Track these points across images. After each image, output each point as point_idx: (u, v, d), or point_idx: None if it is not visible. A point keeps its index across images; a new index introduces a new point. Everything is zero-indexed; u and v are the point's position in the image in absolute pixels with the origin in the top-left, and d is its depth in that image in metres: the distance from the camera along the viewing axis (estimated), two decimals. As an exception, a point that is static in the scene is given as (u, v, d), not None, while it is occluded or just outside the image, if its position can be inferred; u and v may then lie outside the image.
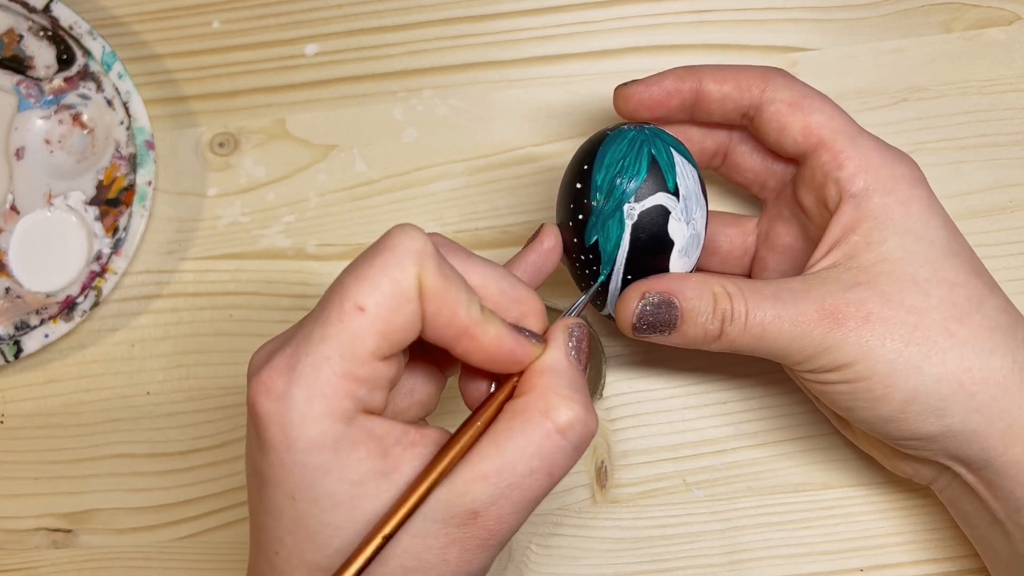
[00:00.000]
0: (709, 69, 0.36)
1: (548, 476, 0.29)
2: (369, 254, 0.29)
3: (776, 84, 0.35)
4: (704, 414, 0.42)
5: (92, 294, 0.42)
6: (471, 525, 0.28)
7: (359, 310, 0.27)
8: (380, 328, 0.27)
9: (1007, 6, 0.44)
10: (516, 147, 0.44)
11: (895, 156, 0.35)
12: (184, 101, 0.45)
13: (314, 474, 0.27)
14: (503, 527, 0.29)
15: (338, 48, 0.45)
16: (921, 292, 0.33)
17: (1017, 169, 0.43)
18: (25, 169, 0.44)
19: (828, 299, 0.33)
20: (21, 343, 0.42)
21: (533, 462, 0.28)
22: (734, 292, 0.33)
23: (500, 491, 0.28)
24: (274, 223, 0.44)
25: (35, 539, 0.44)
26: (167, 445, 0.44)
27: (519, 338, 0.30)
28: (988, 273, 0.35)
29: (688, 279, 0.34)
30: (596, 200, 0.34)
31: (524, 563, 0.42)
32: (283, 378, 0.27)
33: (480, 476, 0.28)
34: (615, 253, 0.34)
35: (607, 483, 0.42)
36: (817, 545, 0.42)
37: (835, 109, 0.35)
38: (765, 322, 0.33)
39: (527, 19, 0.45)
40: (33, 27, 0.44)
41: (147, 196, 0.43)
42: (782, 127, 0.35)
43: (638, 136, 0.34)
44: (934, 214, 0.34)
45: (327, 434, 0.27)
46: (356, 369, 0.27)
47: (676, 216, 0.34)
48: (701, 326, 0.33)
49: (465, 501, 0.28)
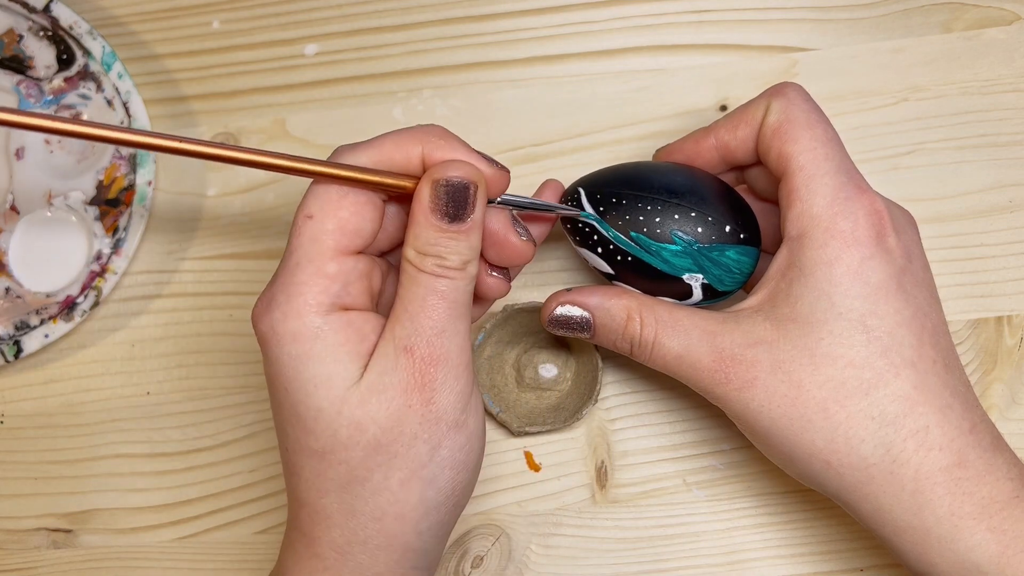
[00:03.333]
0: (723, 120, 0.37)
1: (441, 297, 0.32)
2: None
3: (772, 108, 0.35)
4: (704, 414, 0.42)
5: (92, 294, 0.42)
6: (411, 363, 0.31)
7: (308, 218, 0.31)
8: (332, 227, 0.31)
9: (1007, 6, 0.44)
10: (516, 147, 0.44)
11: (844, 209, 0.33)
12: (184, 101, 0.45)
13: (298, 361, 0.31)
14: (436, 353, 0.31)
15: (338, 48, 0.45)
16: (812, 366, 0.33)
17: (1017, 169, 0.43)
18: (25, 169, 0.44)
19: (727, 350, 0.34)
20: (21, 343, 0.42)
21: (420, 292, 0.32)
22: (647, 319, 0.35)
23: (412, 324, 0.31)
24: (274, 223, 0.44)
25: (35, 539, 0.44)
26: (167, 445, 0.44)
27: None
28: (909, 350, 0.33)
29: (609, 297, 0.36)
30: None
31: (524, 563, 0.42)
32: (268, 291, 0.32)
33: (395, 319, 0.32)
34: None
35: (607, 483, 0.42)
36: (817, 545, 0.42)
37: (815, 140, 0.34)
38: (667, 357, 0.35)
39: (527, 19, 0.45)
40: (33, 27, 0.44)
41: (147, 196, 0.43)
42: (765, 149, 0.35)
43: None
44: (859, 281, 0.33)
45: (307, 326, 0.31)
46: (322, 266, 0.31)
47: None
48: (612, 342, 0.36)
49: (395, 342, 0.31)
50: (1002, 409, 0.42)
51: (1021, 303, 0.42)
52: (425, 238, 0.32)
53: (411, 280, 0.32)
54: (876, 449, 0.32)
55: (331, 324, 0.31)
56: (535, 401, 0.43)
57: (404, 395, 0.31)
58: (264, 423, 0.43)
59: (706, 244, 0.35)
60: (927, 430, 0.32)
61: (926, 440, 0.32)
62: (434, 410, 0.31)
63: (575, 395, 0.42)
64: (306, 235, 0.31)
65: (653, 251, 0.35)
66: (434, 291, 0.31)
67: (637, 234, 0.35)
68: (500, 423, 0.42)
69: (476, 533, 0.42)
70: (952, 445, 0.32)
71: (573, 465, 0.42)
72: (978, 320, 0.42)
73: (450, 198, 0.32)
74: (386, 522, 0.31)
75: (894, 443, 0.32)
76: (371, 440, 0.31)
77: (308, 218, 0.31)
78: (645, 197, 0.35)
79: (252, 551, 0.43)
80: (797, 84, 0.36)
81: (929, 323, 0.33)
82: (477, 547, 0.42)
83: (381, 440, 0.31)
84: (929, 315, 0.34)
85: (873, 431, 0.32)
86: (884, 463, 0.32)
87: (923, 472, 0.32)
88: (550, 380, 0.43)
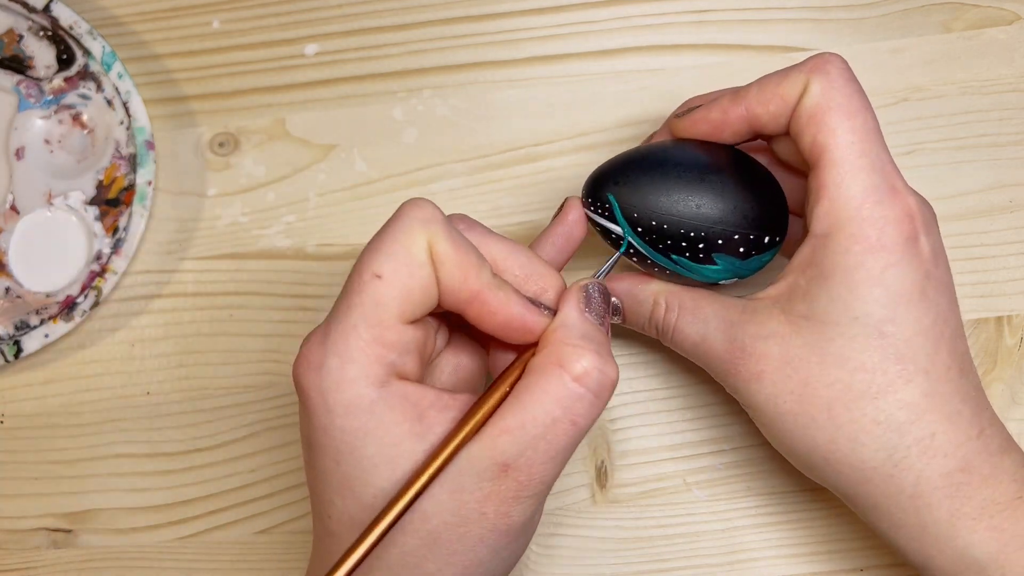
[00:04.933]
0: (754, 89, 0.34)
1: (572, 425, 0.30)
2: (383, 227, 0.31)
3: (811, 88, 0.33)
4: (704, 414, 0.42)
5: (92, 294, 0.42)
6: (503, 478, 0.29)
7: (377, 278, 0.29)
8: (398, 293, 0.30)
9: (1007, 6, 0.44)
10: (516, 147, 0.44)
11: (872, 215, 0.32)
12: (184, 101, 0.45)
13: (353, 437, 0.29)
14: (534, 478, 0.30)
15: (338, 48, 0.45)
16: (820, 365, 0.32)
17: (1017, 169, 0.43)
18: (25, 169, 0.44)
19: (739, 340, 0.34)
20: (21, 343, 0.42)
21: (554, 412, 0.29)
22: (671, 304, 0.35)
23: (526, 442, 0.29)
24: (274, 223, 0.44)
25: (35, 539, 0.44)
26: (167, 445, 0.44)
27: (528, 304, 0.31)
28: (924, 359, 0.32)
29: (636, 283, 0.37)
30: None
31: (524, 563, 0.42)
32: (319, 349, 0.30)
33: (505, 430, 0.29)
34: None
35: (607, 483, 0.42)
36: (817, 545, 0.42)
37: (853, 133, 0.32)
38: (686, 343, 0.35)
39: (527, 19, 0.45)
40: (33, 27, 0.44)
41: (147, 196, 0.43)
42: (797, 131, 0.33)
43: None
44: (880, 288, 0.32)
45: (362, 397, 0.29)
46: (383, 334, 0.29)
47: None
48: (640, 326, 0.37)
49: (494, 455, 0.29)
50: (1002, 409, 0.42)
51: (1021, 303, 0.42)
52: (581, 330, 0.31)
53: (541, 390, 0.29)
54: (877, 453, 0.32)
55: (387, 399, 0.29)
56: (535, 401, 0.43)
57: (481, 504, 0.29)
58: (264, 423, 0.43)
59: (746, 260, 0.35)
60: (933, 437, 0.32)
61: (931, 447, 0.32)
62: (509, 524, 0.30)
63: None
64: (370, 295, 0.29)
65: (694, 270, 0.35)
66: (568, 412, 0.29)
67: (679, 257, 0.35)
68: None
69: (476, 533, 0.42)
70: (958, 452, 0.32)
71: (573, 465, 0.42)
72: (978, 320, 0.42)
73: (602, 297, 0.33)
74: None
75: (897, 448, 0.32)
76: (432, 532, 0.29)
77: (376, 277, 0.29)
78: (687, 223, 0.34)
79: (252, 551, 0.43)
80: (840, 58, 0.33)
81: (948, 329, 0.33)
82: (477, 547, 0.42)
83: (443, 536, 0.29)
84: (948, 321, 0.33)
85: (877, 435, 0.32)
86: (885, 467, 0.32)
87: (924, 477, 0.32)
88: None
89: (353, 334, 0.29)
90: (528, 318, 0.31)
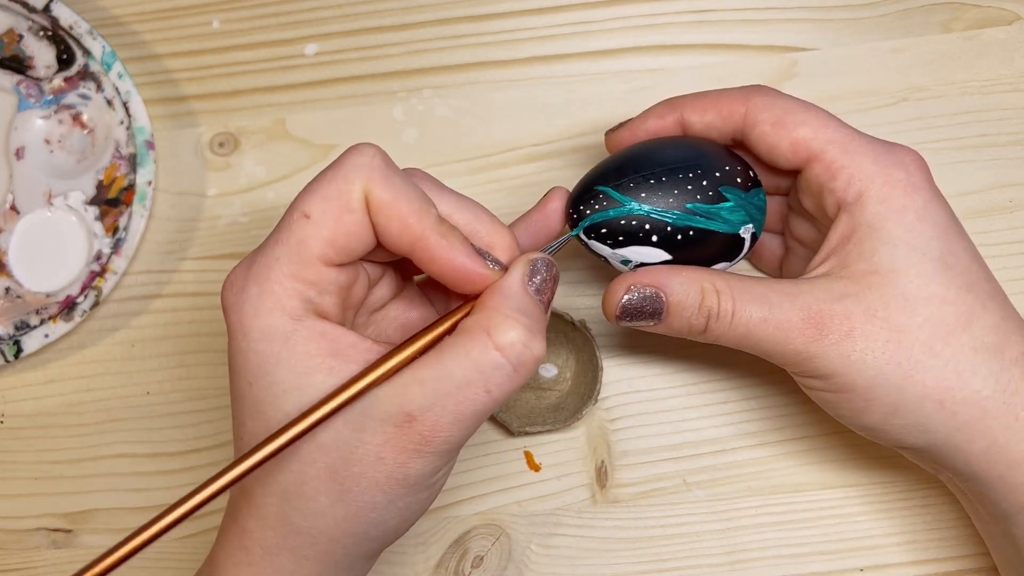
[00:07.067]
0: (690, 99, 0.36)
1: (485, 392, 0.29)
2: (325, 169, 0.31)
3: (757, 105, 0.35)
4: (704, 414, 0.42)
5: (92, 294, 0.42)
6: (406, 427, 0.29)
7: (304, 217, 0.30)
8: (324, 234, 0.30)
9: (1007, 6, 0.44)
10: (516, 147, 0.44)
11: (892, 161, 0.34)
12: (184, 101, 0.45)
13: (266, 361, 0.30)
14: (438, 435, 0.30)
15: (338, 48, 0.45)
16: (908, 308, 0.33)
17: (1017, 169, 0.43)
18: (25, 169, 0.44)
19: (814, 307, 0.33)
20: (21, 343, 0.42)
21: (471, 375, 0.29)
22: (722, 289, 0.34)
23: (435, 398, 0.29)
24: (274, 223, 0.44)
25: (35, 539, 0.44)
26: (167, 445, 0.44)
27: (474, 254, 0.31)
28: (985, 284, 0.34)
29: (678, 273, 0.34)
30: None
31: (524, 563, 0.42)
32: (242, 275, 0.31)
33: (417, 380, 0.29)
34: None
35: (607, 483, 0.42)
36: (817, 545, 0.42)
37: (822, 119, 0.34)
38: (751, 323, 0.33)
39: (527, 19, 0.45)
40: (33, 27, 0.44)
41: (147, 196, 0.43)
42: (770, 147, 0.35)
43: None
44: (929, 223, 0.33)
45: (277, 326, 0.30)
46: (302, 271, 0.30)
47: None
48: (686, 320, 0.34)
49: (402, 402, 0.29)
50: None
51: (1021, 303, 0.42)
52: (518, 301, 0.30)
53: (463, 350, 0.29)
54: (987, 380, 0.33)
55: (303, 331, 0.30)
56: (535, 401, 0.43)
57: (380, 447, 0.30)
58: (264, 423, 0.43)
59: (747, 192, 0.35)
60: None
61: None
62: (406, 474, 0.30)
63: (575, 395, 0.42)
64: (295, 233, 0.30)
65: (712, 215, 0.34)
66: (484, 379, 0.29)
67: (693, 204, 0.34)
68: (499, 423, 0.42)
69: (476, 533, 0.42)
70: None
71: (573, 465, 0.42)
72: (978, 320, 0.42)
73: (548, 272, 0.32)
74: (319, 541, 0.31)
75: (1002, 372, 0.33)
76: (329, 465, 0.30)
77: (304, 217, 0.30)
78: (681, 167, 0.34)
79: (252, 551, 0.43)
80: (760, 85, 0.36)
81: (981, 259, 0.35)
82: (477, 547, 0.42)
83: (339, 471, 0.30)
84: (978, 253, 0.35)
85: (982, 362, 0.33)
86: (996, 394, 0.33)
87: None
88: (550, 380, 0.43)
89: (275, 266, 0.30)
90: (471, 267, 0.31)
